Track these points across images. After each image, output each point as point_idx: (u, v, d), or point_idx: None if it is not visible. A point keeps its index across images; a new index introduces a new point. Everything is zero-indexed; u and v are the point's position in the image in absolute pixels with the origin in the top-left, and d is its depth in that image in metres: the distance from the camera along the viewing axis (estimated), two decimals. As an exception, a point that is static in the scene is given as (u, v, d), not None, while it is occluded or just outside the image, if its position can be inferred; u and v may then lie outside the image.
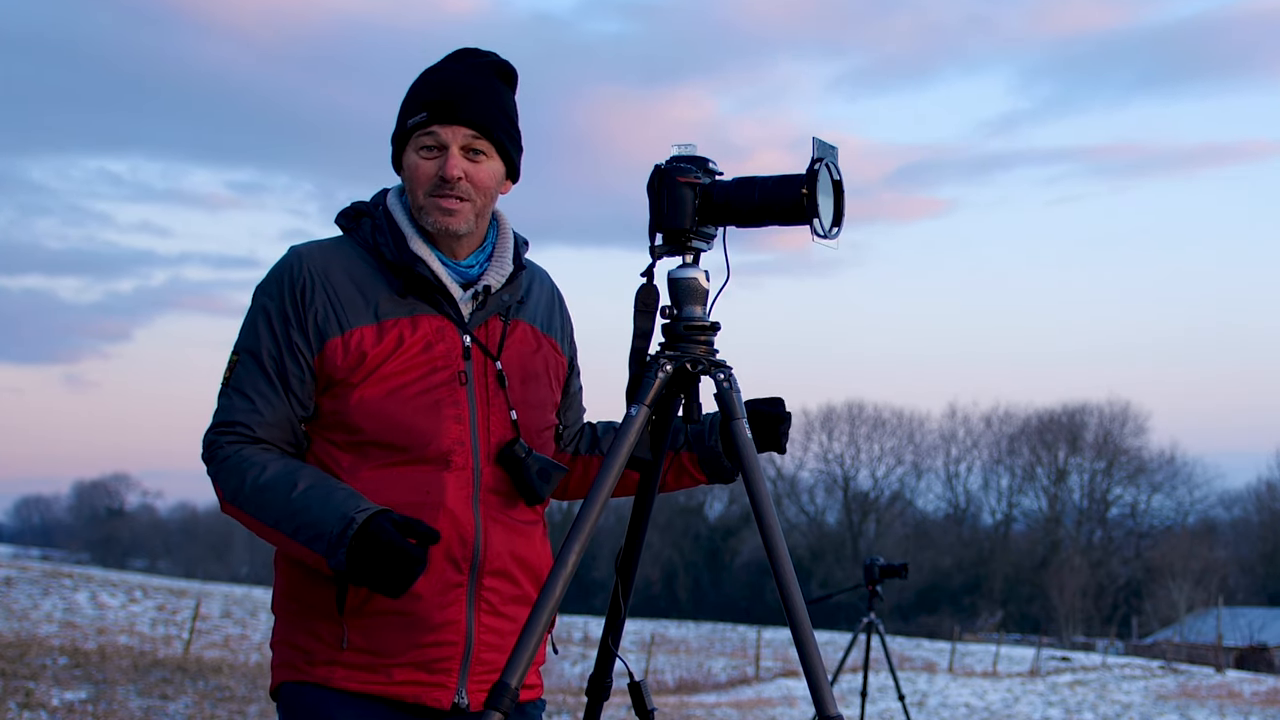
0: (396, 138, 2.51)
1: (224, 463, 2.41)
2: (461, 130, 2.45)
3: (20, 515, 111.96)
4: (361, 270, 2.47)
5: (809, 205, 2.29)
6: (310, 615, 2.44)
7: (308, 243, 2.52)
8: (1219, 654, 38.23)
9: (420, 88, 2.49)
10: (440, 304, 2.47)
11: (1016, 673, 32.57)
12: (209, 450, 2.44)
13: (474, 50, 2.55)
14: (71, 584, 30.77)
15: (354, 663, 2.40)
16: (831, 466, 69.36)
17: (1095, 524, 65.92)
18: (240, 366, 2.45)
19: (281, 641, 2.50)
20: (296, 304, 2.43)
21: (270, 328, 2.44)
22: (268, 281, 2.48)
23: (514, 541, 2.48)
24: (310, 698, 2.43)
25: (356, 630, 2.40)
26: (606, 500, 2.30)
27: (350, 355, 2.41)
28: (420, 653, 2.40)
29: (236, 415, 2.43)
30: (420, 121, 2.45)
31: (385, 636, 2.39)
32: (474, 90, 2.47)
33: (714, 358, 2.37)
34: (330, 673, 2.41)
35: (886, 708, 18.41)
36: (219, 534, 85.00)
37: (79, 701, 11.53)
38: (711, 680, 28.24)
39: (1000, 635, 52.47)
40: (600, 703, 2.55)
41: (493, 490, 2.46)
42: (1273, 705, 23.53)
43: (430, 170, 2.45)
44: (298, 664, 2.45)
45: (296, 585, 2.47)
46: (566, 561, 2.26)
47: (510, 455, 2.46)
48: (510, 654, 2.24)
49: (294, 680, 2.45)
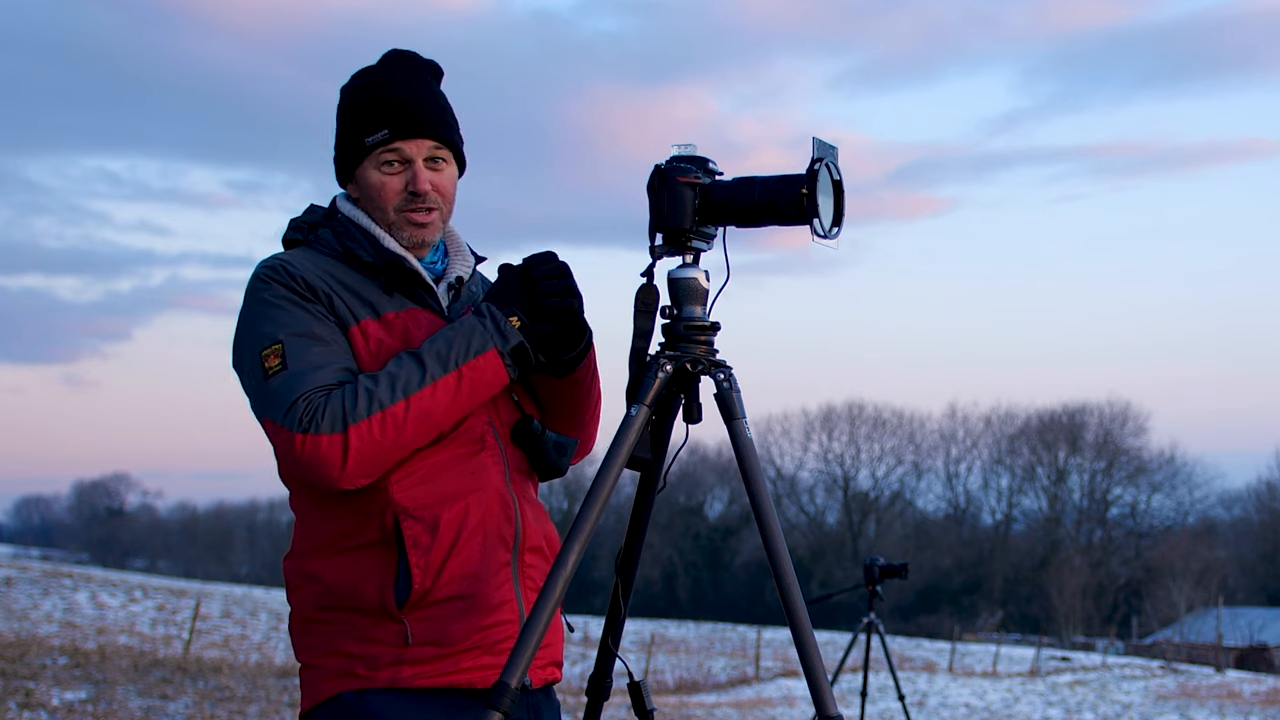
0: (348, 153, 2.50)
1: (325, 408, 2.27)
2: (425, 143, 2.47)
3: (20, 515, 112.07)
4: (344, 273, 2.47)
5: (809, 205, 2.29)
6: (360, 620, 2.38)
7: (278, 254, 2.49)
8: (1219, 654, 38.24)
9: (371, 102, 2.47)
10: (423, 298, 2.50)
11: (1016, 673, 32.58)
12: (302, 415, 2.26)
13: (405, 54, 2.55)
14: (71, 584, 30.76)
15: (421, 657, 2.35)
16: (831, 466, 69.46)
17: (1095, 524, 65.93)
18: (290, 349, 2.32)
19: (327, 653, 2.40)
20: (310, 296, 2.39)
21: (301, 308, 2.37)
22: (262, 280, 2.41)
23: (541, 519, 2.53)
24: (375, 704, 2.35)
25: (419, 623, 2.36)
26: (607, 500, 2.30)
27: (371, 344, 2.41)
28: (483, 635, 2.38)
29: (307, 382, 2.29)
30: (382, 139, 2.45)
31: (448, 625, 2.36)
32: (426, 101, 2.49)
33: (714, 358, 2.37)
34: (397, 673, 2.35)
35: (886, 708, 18.40)
36: (219, 534, 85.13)
37: (79, 701, 11.53)
38: (711, 680, 28.23)
39: (1000, 635, 52.50)
40: (600, 702, 2.56)
41: (517, 469, 2.49)
42: (1273, 705, 23.53)
43: (398, 185, 2.47)
44: (357, 671, 2.36)
45: (334, 594, 2.39)
46: (566, 561, 2.26)
47: (528, 432, 2.48)
48: (510, 654, 2.24)
49: (356, 689, 2.36)
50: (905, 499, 69.83)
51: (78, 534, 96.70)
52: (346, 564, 2.39)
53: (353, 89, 2.52)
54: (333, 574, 2.39)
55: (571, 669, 25.30)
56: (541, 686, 2.50)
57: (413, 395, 2.30)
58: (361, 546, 2.38)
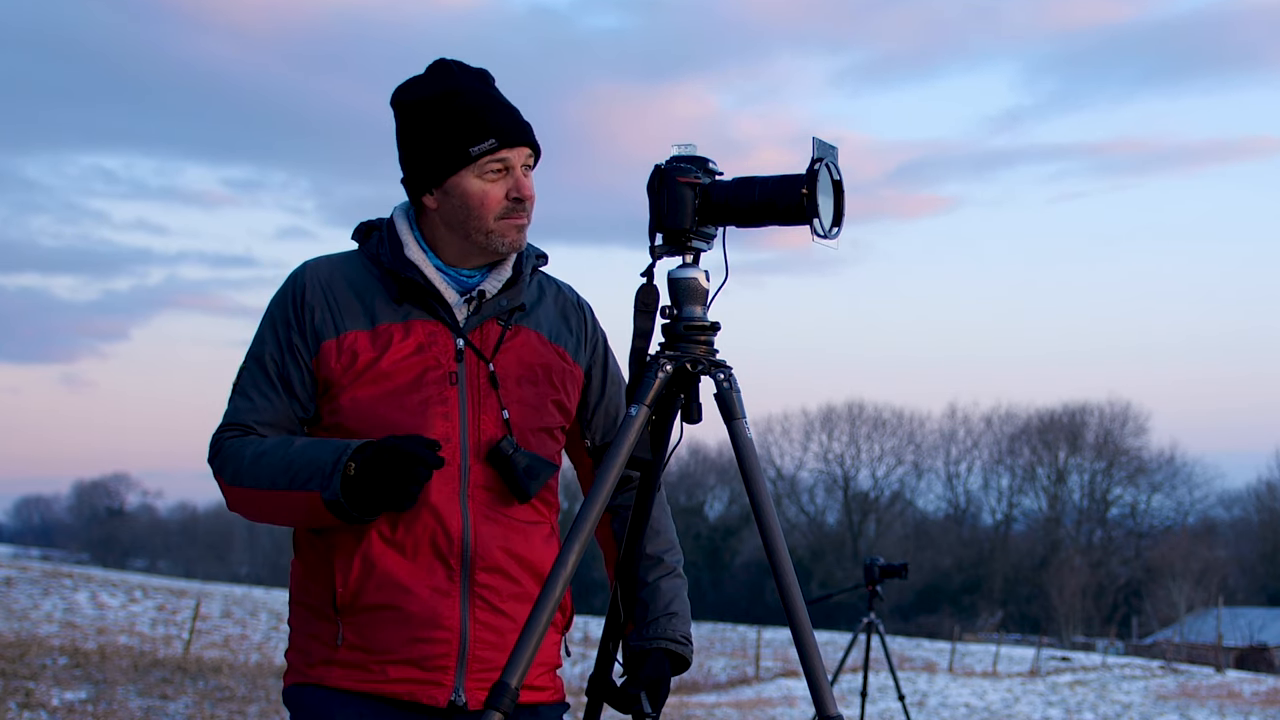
0: (442, 162, 2.49)
1: (224, 452, 2.48)
2: (524, 150, 2.51)
3: (20, 515, 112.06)
4: (363, 279, 2.54)
5: (809, 206, 2.29)
6: (311, 616, 2.49)
7: (319, 256, 2.60)
8: (1219, 654, 38.25)
9: (474, 111, 2.48)
10: (435, 309, 2.51)
11: (1016, 673, 32.58)
12: (213, 449, 2.52)
13: (465, 64, 2.57)
14: (71, 584, 30.78)
15: (349, 661, 2.43)
16: (831, 466, 69.45)
17: (1095, 524, 65.94)
18: (246, 372, 2.54)
19: (291, 647, 2.56)
20: (298, 310, 2.51)
21: (275, 333, 2.53)
22: (278, 293, 2.56)
23: (509, 539, 2.49)
24: (310, 699, 2.45)
25: (350, 627, 2.43)
26: (607, 500, 2.30)
27: (343, 356, 2.47)
28: (414, 649, 2.41)
29: (240, 416, 2.51)
30: (489, 148, 2.47)
31: (379, 633, 2.41)
32: (516, 111, 2.54)
33: (714, 358, 2.37)
34: (326, 672, 2.44)
35: (886, 708, 18.41)
36: (219, 534, 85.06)
37: (79, 701, 11.54)
38: (711, 680, 28.25)
39: (1000, 635, 52.53)
40: (600, 703, 2.55)
41: (483, 487, 2.48)
42: (1273, 705, 23.53)
43: (500, 193, 2.49)
44: (299, 666, 2.50)
45: (300, 588, 2.53)
46: (566, 561, 2.26)
47: (496, 452, 2.47)
48: (510, 653, 2.24)
49: (296, 683, 2.50)
50: (905, 499, 69.86)
51: (78, 534, 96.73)
52: (306, 564, 2.52)
53: (437, 99, 2.50)
54: (299, 572, 2.54)
55: (572, 669, 25.30)
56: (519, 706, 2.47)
57: (259, 489, 2.42)
58: (315, 548, 2.50)
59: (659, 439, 2.41)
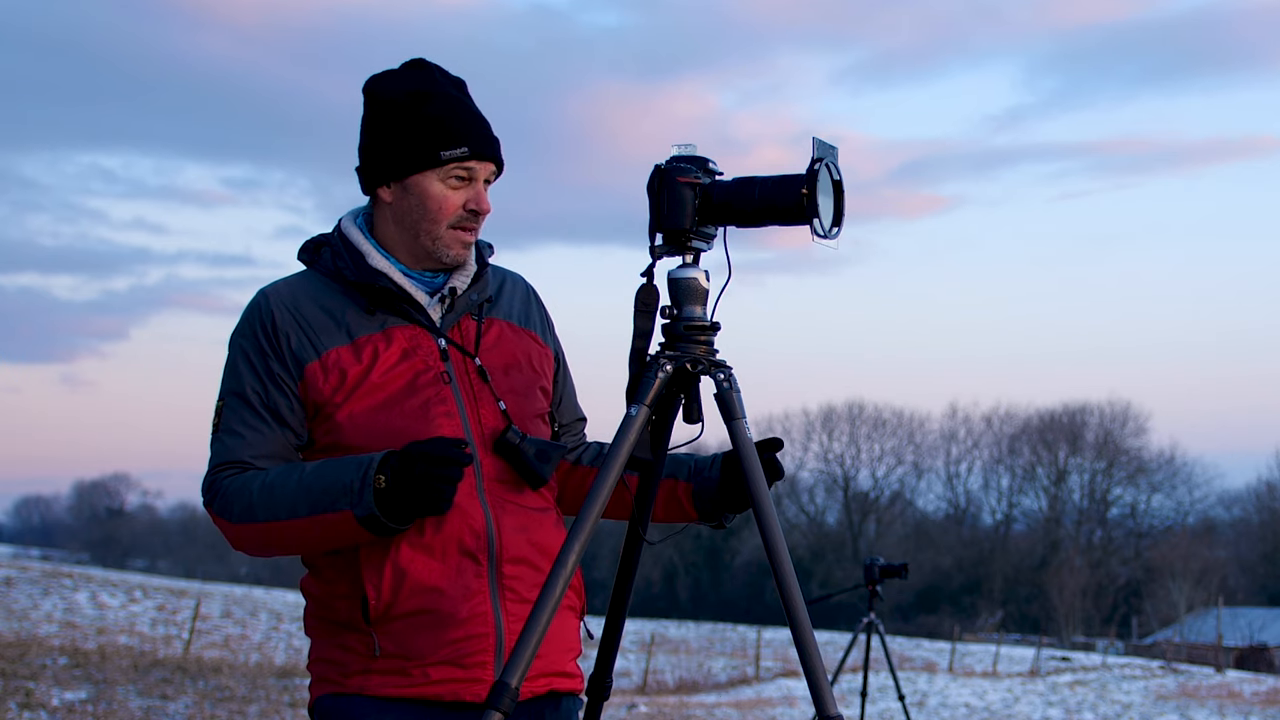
0: (408, 160, 2.47)
1: (225, 492, 2.43)
2: (490, 165, 2.50)
3: (20, 515, 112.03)
4: (329, 296, 2.51)
5: (809, 206, 2.29)
6: (340, 629, 2.46)
7: (274, 281, 2.56)
8: (1219, 654, 38.26)
9: (449, 117, 2.47)
10: (409, 313, 2.50)
11: (1016, 673, 32.59)
12: (209, 491, 2.47)
13: (441, 69, 2.55)
14: (71, 584, 30.78)
15: (388, 669, 2.41)
16: (831, 466, 69.49)
17: (1095, 524, 65.97)
18: (227, 410, 2.48)
19: (317, 659, 2.52)
20: (270, 338, 2.47)
21: (250, 365, 2.47)
22: (240, 325, 2.51)
23: (530, 528, 2.50)
24: (347, 707, 2.43)
25: (386, 636, 2.41)
26: (607, 500, 2.30)
27: (331, 375, 2.45)
28: (452, 649, 2.40)
29: (231, 454, 2.46)
30: (460, 155, 2.46)
31: (415, 639, 2.40)
32: (488, 124, 2.52)
33: (714, 358, 2.37)
34: (365, 681, 2.42)
35: (886, 708, 18.41)
36: (219, 534, 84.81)
37: (79, 701, 11.54)
38: (711, 680, 28.24)
39: (1000, 635, 52.49)
40: (600, 702, 2.56)
41: (496, 480, 2.48)
42: (1273, 705, 23.53)
43: (458, 201, 2.48)
44: (332, 677, 2.46)
45: (324, 603, 2.49)
46: (566, 561, 2.26)
47: (504, 442, 2.47)
48: (510, 653, 2.24)
49: (331, 693, 2.47)
50: (905, 499, 69.91)
51: (78, 534, 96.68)
52: (324, 581, 2.48)
53: (414, 96, 2.48)
54: (317, 590, 2.51)
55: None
56: (532, 698, 2.47)
57: (274, 522, 2.39)
58: (333, 565, 2.47)
59: (659, 439, 2.41)
